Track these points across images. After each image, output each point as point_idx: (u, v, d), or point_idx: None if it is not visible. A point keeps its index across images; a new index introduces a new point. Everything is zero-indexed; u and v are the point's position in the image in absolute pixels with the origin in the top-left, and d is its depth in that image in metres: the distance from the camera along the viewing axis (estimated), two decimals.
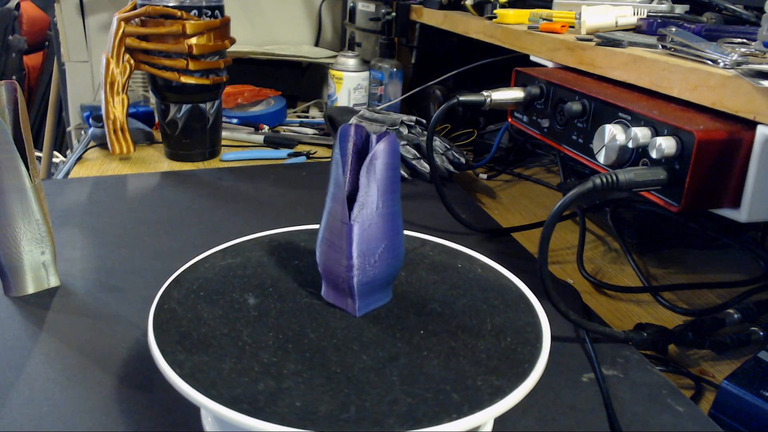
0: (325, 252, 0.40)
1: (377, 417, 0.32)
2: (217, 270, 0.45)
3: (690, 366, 0.56)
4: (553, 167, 1.08)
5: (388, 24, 1.17)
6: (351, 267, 0.39)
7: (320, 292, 0.43)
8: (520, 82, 0.72)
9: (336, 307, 0.41)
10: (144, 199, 0.76)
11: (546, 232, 0.46)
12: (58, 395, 0.42)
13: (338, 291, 0.41)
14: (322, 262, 0.41)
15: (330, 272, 0.41)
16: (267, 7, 1.35)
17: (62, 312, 0.52)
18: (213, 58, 0.91)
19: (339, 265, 0.40)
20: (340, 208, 0.39)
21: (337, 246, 0.39)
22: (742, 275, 0.72)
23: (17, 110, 0.52)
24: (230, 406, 0.31)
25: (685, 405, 0.45)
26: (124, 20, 0.87)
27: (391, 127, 0.92)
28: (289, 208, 0.76)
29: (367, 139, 0.40)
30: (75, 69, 1.23)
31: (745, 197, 0.47)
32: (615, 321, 0.63)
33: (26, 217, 0.53)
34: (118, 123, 0.90)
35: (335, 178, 0.39)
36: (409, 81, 1.23)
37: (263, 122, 1.13)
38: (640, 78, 0.56)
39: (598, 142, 0.54)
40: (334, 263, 0.40)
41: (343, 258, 0.39)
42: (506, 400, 0.33)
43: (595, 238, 0.81)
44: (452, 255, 0.49)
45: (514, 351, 0.37)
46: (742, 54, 0.48)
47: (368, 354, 0.37)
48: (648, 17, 0.68)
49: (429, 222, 0.74)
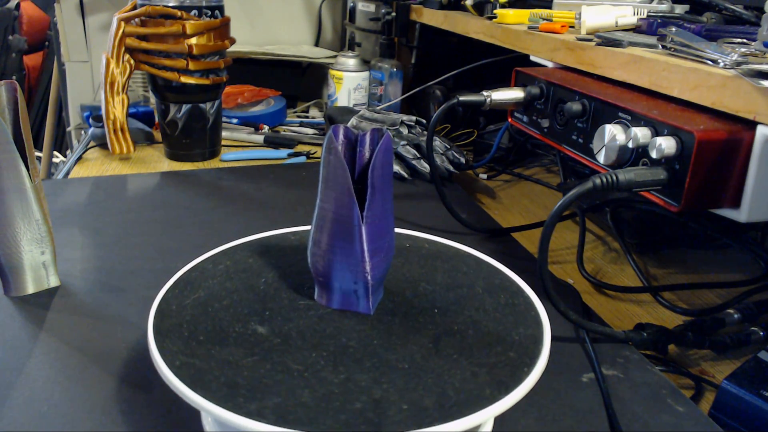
0: (328, 259, 0.40)
1: (377, 417, 0.32)
2: (218, 271, 0.45)
3: (690, 366, 0.56)
4: (553, 167, 1.08)
5: (388, 24, 1.17)
6: (365, 267, 0.39)
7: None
8: (520, 82, 0.72)
9: (335, 308, 0.41)
10: (144, 199, 0.76)
11: (546, 232, 0.46)
12: (58, 395, 0.42)
13: (345, 293, 0.41)
14: (324, 268, 0.41)
15: (337, 277, 0.40)
16: (267, 7, 1.35)
17: (62, 312, 0.52)
18: (213, 58, 0.91)
19: (350, 268, 0.40)
20: (348, 211, 0.38)
21: (347, 249, 0.39)
22: (742, 275, 0.72)
23: (17, 110, 0.52)
24: (230, 408, 0.31)
25: (685, 405, 0.45)
26: (124, 20, 0.87)
27: (391, 127, 0.92)
28: (289, 208, 0.76)
29: (355, 139, 0.40)
30: (75, 69, 1.23)
31: (745, 197, 0.47)
32: (615, 321, 0.62)
33: (26, 217, 0.53)
34: (118, 123, 0.90)
35: (341, 184, 0.38)
36: (409, 81, 1.23)
37: (263, 122, 1.13)
38: (640, 78, 0.56)
39: (598, 142, 0.54)
40: (343, 268, 0.40)
41: (356, 260, 0.39)
42: (506, 400, 0.33)
43: (595, 238, 0.81)
44: (451, 253, 0.49)
45: (514, 351, 0.37)
46: (742, 54, 0.48)
47: (367, 354, 0.37)
48: (648, 17, 0.68)
49: (429, 222, 0.74)
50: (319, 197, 0.40)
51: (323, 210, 0.39)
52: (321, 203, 0.39)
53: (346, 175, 0.38)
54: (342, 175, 0.38)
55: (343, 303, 0.41)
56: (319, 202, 0.40)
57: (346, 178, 0.38)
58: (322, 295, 0.42)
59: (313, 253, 0.41)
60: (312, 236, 0.41)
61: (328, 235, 0.40)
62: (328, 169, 0.39)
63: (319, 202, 0.40)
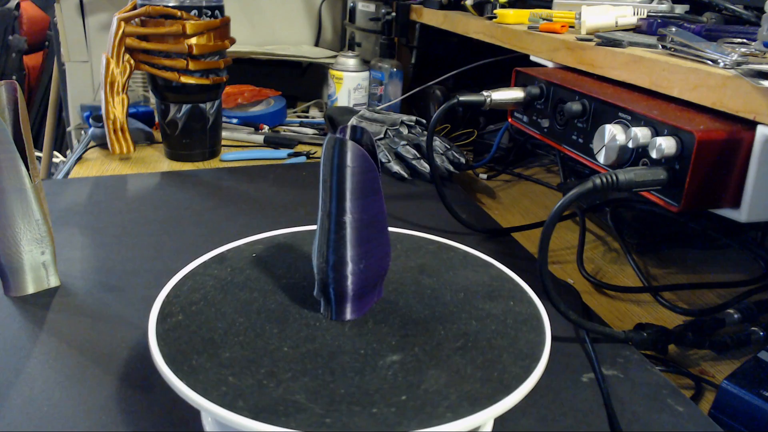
0: (316, 263, 0.40)
1: (378, 417, 0.32)
2: (219, 272, 0.45)
3: (690, 366, 0.56)
4: (553, 167, 1.08)
5: (388, 24, 1.17)
6: (344, 272, 0.39)
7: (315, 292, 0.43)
8: (520, 82, 0.72)
9: (335, 311, 0.41)
10: (144, 199, 0.76)
11: (546, 232, 0.46)
12: (58, 395, 0.42)
13: (334, 299, 0.41)
14: (317, 274, 0.40)
15: (329, 283, 0.40)
16: (267, 7, 1.35)
17: (62, 312, 0.52)
18: (213, 58, 0.91)
19: (325, 274, 0.40)
20: (325, 217, 0.39)
21: (327, 255, 0.39)
22: (742, 275, 0.72)
23: (17, 110, 0.52)
24: (230, 408, 0.31)
25: (685, 405, 0.45)
26: (124, 20, 0.87)
27: (391, 127, 0.92)
28: (289, 208, 0.76)
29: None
30: (75, 69, 1.23)
31: (745, 197, 0.47)
32: (615, 321, 0.63)
33: (26, 217, 0.53)
34: (118, 123, 0.90)
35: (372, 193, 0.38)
36: (409, 81, 1.23)
37: (263, 122, 1.13)
38: (640, 78, 0.56)
39: (598, 142, 0.54)
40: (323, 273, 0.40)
41: (338, 265, 0.39)
42: (507, 400, 0.33)
43: (595, 238, 0.81)
44: (451, 253, 0.49)
45: (514, 351, 0.37)
46: (742, 54, 0.48)
47: (368, 355, 0.37)
48: (648, 17, 0.68)
49: (429, 222, 0.74)
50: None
51: (342, 221, 0.39)
52: (339, 217, 0.39)
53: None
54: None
55: (337, 312, 0.41)
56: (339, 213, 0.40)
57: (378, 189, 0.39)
58: (319, 298, 0.42)
59: (335, 264, 0.40)
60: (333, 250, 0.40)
61: (317, 239, 0.40)
62: (329, 178, 0.39)
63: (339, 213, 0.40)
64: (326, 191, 0.38)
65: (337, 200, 0.38)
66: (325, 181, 0.38)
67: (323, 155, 0.38)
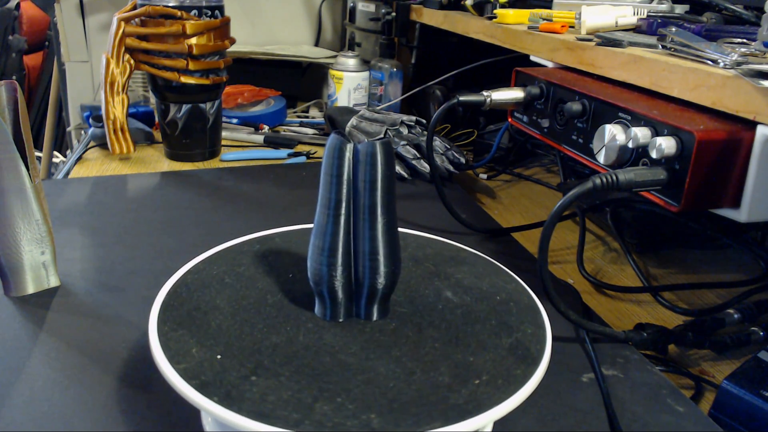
0: (342, 273, 0.40)
1: (378, 418, 0.32)
2: (219, 271, 0.45)
3: (690, 366, 0.56)
4: (553, 167, 1.08)
5: (388, 24, 1.17)
6: (335, 274, 0.39)
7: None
8: (520, 82, 0.72)
9: (363, 312, 0.41)
10: (144, 199, 0.76)
11: (546, 232, 0.46)
12: (58, 395, 0.42)
13: (332, 302, 0.41)
14: (343, 281, 0.40)
15: (361, 285, 0.40)
16: (267, 7, 1.35)
17: (62, 312, 0.52)
18: (213, 58, 0.91)
19: (324, 276, 0.40)
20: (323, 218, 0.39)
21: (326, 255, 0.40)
22: (742, 275, 0.72)
23: (17, 110, 0.52)
24: (230, 408, 0.31)
25: (685, 405, 0.45)
26: (124, 20, 0.87)
27: (391, 127, 0.92)
28: (289, 208, 0.76)
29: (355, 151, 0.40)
30: (75, 69, 1.23)
31: (745, 197, 0.47)
32: (615, 321, 0.63)
33: (26, 217, 0.53)
34: (118, 123, 0.90)
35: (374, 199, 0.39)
36: (409, 81, 1.23)
37: (263, 122, 1.13)
38: (640, 78, 0.56)
39: (598, 142, 0.54)
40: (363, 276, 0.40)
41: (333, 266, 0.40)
42: (508, 403, 0.33)
43: (595, 238, 0.81)
44: (451, 253, 0.49)
45: (514, 352, 0.37)
46: (742, 54, 0.48)
47: (368, 356, 0.37)
48: (648, 17, 0.68)
49: (429, 222, 0.74)
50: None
51: (338, 223, 0.40)
52: (338, 217, 0.40)
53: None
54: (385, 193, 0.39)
55: (334, 314, 0.41)
56: (336, 214, 0.40)
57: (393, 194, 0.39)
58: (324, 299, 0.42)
59: (328, 268, 0.41)
60: (332, 251, 0.40)
61: (342, 250, 0.40)
62: (332, 185, 0.39)
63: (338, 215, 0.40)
64: (371, 191, 0.39)
65: (387, 201, 0.39)
66: (374, 182, 0.38)
67: (365, 154, 0.38)
